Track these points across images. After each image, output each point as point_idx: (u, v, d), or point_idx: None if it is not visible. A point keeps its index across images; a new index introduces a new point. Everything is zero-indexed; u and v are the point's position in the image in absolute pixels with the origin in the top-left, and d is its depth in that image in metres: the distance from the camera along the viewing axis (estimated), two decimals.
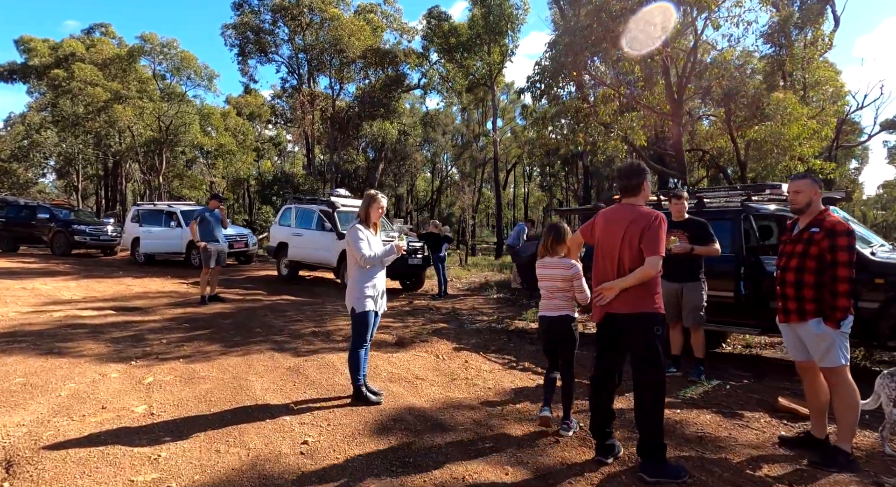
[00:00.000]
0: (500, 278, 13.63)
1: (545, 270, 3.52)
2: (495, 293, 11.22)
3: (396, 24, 27.58)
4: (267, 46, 23.11)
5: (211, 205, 8.85)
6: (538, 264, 3.58)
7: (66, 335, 6.06)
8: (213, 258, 8.56)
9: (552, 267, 3.49)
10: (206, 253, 8.52)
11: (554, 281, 3.49)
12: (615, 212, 2.95)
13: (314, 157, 23.64)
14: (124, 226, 16.69)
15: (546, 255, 3.55)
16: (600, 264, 2.99)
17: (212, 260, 8.55)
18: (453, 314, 8.73)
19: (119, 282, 11.16)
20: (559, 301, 3.50)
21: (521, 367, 5.36)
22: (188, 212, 15.29)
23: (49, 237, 16.99)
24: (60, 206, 18.52)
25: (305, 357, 5.41)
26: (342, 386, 4.43)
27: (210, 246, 8.52)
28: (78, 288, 10.09)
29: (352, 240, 3.90)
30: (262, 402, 3.98)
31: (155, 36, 26.18)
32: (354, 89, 24.27)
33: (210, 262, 8.54)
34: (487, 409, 3.98)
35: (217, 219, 8.72)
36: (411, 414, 3.81)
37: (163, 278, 12.16)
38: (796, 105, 11.23)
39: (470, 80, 23.43)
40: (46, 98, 27.92)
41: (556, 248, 3.50)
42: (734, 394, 4.46)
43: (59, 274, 12.08)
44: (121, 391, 4.20)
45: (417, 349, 6.00)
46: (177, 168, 28.52)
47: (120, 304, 8.32)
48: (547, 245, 3.53)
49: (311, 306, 8.89)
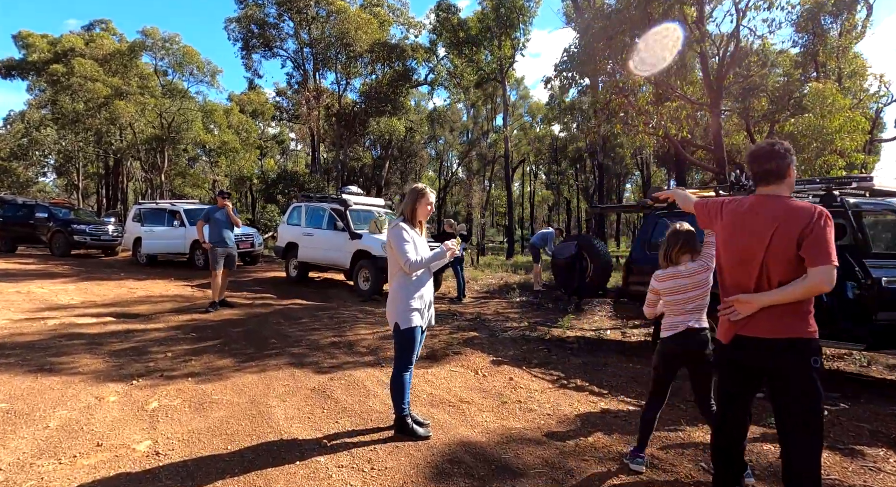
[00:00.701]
0: (517, 280, 12.99)
1: (679, 281, 2.87)
2: (518, 296, 10.59)
3: (403, 19, 26.91)
4: (272, 40, 22.45)
5: (219, 204, 8.19)
6: (662, 277, 2.94)
7: (61, 347, 5.43)
8: (220, 261, 7.92)
9: (688, 277, 2.87)
10: (213, 254, 7.88)
11: (687, 292, 2.86)
12: (753, 205, 2.27)
13: (319, 155, 22.97)
14: (125, 225, 16.11)
15: (669, 266, 2.93)
16: (731, 272, 2.33)
17: (219, 263, 7.90)
18: (479, 320, 8.09)
19: (120, 285, 10.54)
20: (696, 313, 2.87)
21: (573, 385, 4.72)
22: (192, 210, 14.69)
23: (48, 237, 16.42)
24: (60, 205, 17.93)
25: (330, 374, 4.77)
26: (378, 412, 3.80)
27: (218, 248, 7.88)
28: (76, 291, 9.48)
29: (395, 241, 3.23)
30: (289, 436, 3.35)
31: (156, 30, 25.54)
32: (360, 85, 23.60)
33: (218, 265, 7.89)
34: (556, 444, 3.34)
35: (227, 219, 8.06)
36: (468, 452, 3.18)
37: (166, 280, 11.54)
38: (838, 96, 10.56)
39: (480, 74, 22.74)
40: (46, 95, 27.32)
41: (683, 257, 2.90)
42: (837, 423, 3.81)
43: (57, 276, 11.47)
44: (120, 420, 3.57)
45: (452, 363, 5.36)
46: (179, 166, 27.88)
47: (121, 310, 7.70)
48: (673, 253, 2.90)
49: (325, 311, 8.25)
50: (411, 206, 3.36)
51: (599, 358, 5.73)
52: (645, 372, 5.19)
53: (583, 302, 8.98)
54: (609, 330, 7.53)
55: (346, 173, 23.16)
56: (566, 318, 7.76)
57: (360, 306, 9.02)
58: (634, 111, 9.99)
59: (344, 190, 11.55)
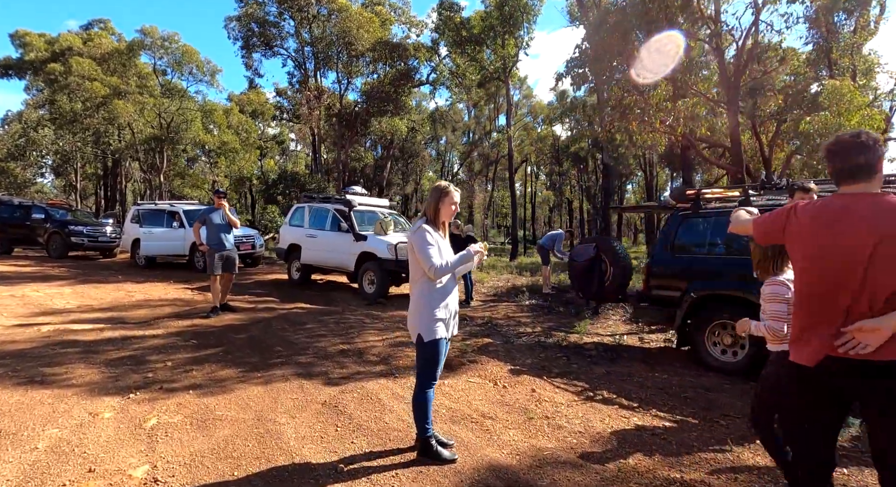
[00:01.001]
0: (524, 282, 12.69)
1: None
2: (527, 299, 10.29)
3: (405, 18, 26.62)
4: (272, 39, 22.13)
5: (216, 204, 7.83)
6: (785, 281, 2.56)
7: (54, 356, 5.13)
8: (218, 265, 7.59)
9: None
10: (210, 258, 7.55)
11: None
12: (846, 207, 1.94)
13: (320, 155, 22.65)
14: (124, 226, 15.81)
15: (774, 274, 2.63)
16: (816, 288, 2.02)
17: (217, 266, 7.58)
18: (491, 325, 7.79)
19: (118, 288, 10.24)
20: None
21: (600, 398, 4.43)
22: (191, 211, 14.40)
23: (44, 238, 16.12)
24: (57, 206, 17.63)
25: (340, 386, 4.48)
26: (396, 430, 3.50)
27: (216, 252, 7.55)
28: (73, 295, 9.18)
29: (418, 245, 2.92)
30: (301, 459, 3.05)
31: (155, 29, 25.20)
32: (362, 84, 23.27)
33: (216, 269, 7.57)
34: (595, 469, 3.04)
35: (224, 220, 7.72)
36: (500, 478, 2.88)
37: (165, 283, 11.24)
38: (855, 93, 10.28)
39: (483, 74, 22.44)
40: (44, 94, 26.98)
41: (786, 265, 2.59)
42: None
43: (54, 278, 11.17)
44: (115, 440, 3.27)
45: (469, 372, 5.07)
46: (178, 166, 27.54)
47: (118, 314, 7.40)
48: (779, 261, 2.60)
49: (331, 316, 7.95)
50: (434, 206, 3.06)
51: (623, 367, 5.44)
52: (672, 382, 4.90)
53: (600, 307, 8.69)
54: (626, 335, 7.24)
55: (347, 174, 22.83)
56: (582, 323, 7.47)
57: (365, 310, 8.72)
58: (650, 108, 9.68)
59: (348, 190, 11.26)
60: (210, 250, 7.53)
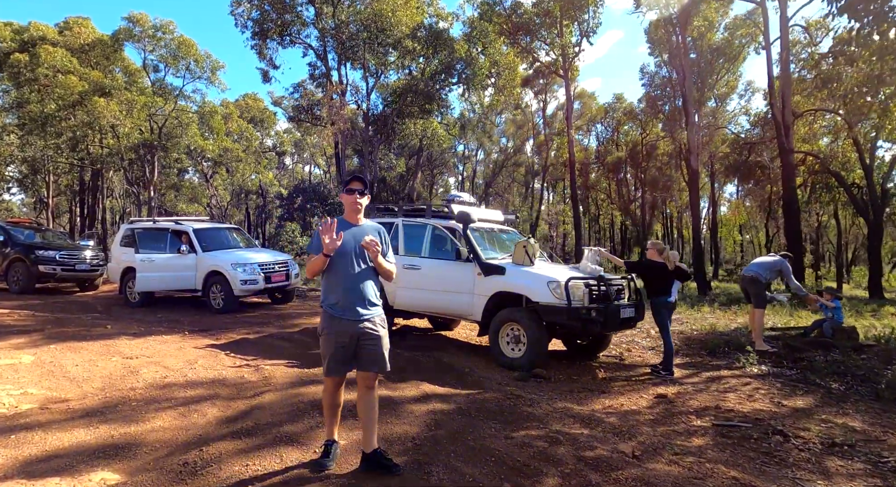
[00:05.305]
0: (722, 326, 8.84)
1: None
2: (755, 361, 6.66)
3: (433, 9, 23.53)
4: (289, 25, 18.66)
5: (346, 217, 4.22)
6: None
7: None
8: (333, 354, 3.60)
9: None
10: (326, 343, 3.49)
11: None
12: None
13: (344, 162, 19.10)
14: (112, 251, 12.09)
15: None
16: None
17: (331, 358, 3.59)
18: (730, 423, 4.32)
19: (109, 350, 6.55)
20: None
21: None
22: (204, 231, 10.80)
23: (3, 267, 12.30)
24: (21, 225, 13.78)
25: None
26: None
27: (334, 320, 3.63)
28: (34, 369, 5.48)
29: None
30: None
31: (146, 17, 21.38)
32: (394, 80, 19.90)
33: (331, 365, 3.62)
34: None
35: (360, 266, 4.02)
36: None
37: (178, 335, 7.59)
38: None
39: (536, 67, 19.32)
40: (11, 96, 22.91)
41: None
42: None
43: (8, 331, 7.41)
44: None
45: None
46: (171, 177, 23.60)
47: (121, 434, 3.73)
48: None
49: (499, 416, 4.35)
50: None
51: None
52: None
53: None
54: None
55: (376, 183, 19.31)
56: None
57: (519, 389, 5.23)
58: None
59: (453, 198, 7.72)
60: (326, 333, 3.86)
